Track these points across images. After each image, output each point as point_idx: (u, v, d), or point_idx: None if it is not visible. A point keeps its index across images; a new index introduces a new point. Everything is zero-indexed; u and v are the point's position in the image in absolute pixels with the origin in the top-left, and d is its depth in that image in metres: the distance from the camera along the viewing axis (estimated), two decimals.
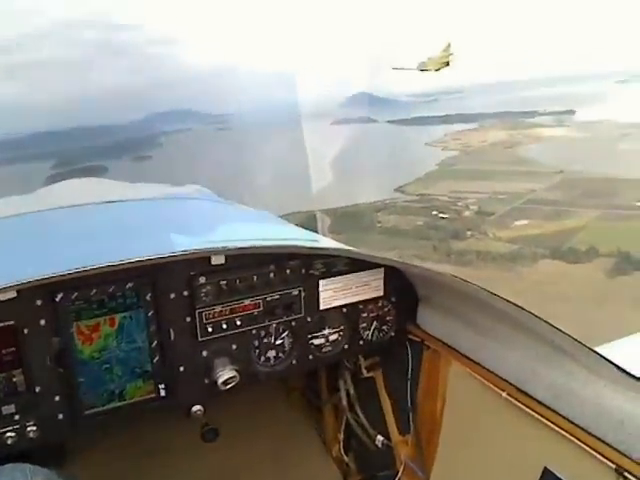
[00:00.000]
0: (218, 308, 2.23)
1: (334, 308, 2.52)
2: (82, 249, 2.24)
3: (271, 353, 2.44)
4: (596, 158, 74.83)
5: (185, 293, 2.17)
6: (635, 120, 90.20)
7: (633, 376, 1.66)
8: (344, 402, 2.96)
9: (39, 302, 1.93)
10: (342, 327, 2.58)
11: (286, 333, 2.45)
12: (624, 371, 1.67)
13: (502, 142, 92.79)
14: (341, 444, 3.19)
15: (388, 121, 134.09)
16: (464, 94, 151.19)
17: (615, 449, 1.65)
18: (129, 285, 2.05)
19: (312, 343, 2.53)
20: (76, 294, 1.97)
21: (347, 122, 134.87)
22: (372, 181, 78.90)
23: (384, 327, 2.67)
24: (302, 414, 3.49)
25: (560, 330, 1.83)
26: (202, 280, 2.17)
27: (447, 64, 64.38)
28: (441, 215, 62.43)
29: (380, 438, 2.87)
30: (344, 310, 2.55)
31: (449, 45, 65.07)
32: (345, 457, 3.20)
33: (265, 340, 2.41)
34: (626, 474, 1.61)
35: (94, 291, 2.00)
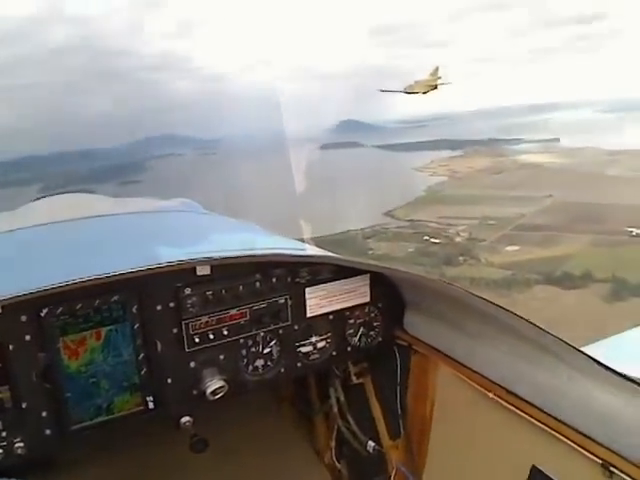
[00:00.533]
0: (205, 318, 2.20)
1: (321, 315, 2.49)
2: (67, 263, 2.22)
3: (259, 362, 2.39)
4: (584, 184, 75.12)
5: (171, 305, 2.14)
6: (619, 147, 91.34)
7: (617, 373, 1.65)
8: (335, 409, 2.91)
9: (24, 318, 1.89)
10: (329, 334, 2.54)
11: (274, 341, 2.41)
12: (608, 368, 1.67)
13: (489, 168, 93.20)
14: (333, 451, 3.11)
15: (376, 146, 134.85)
16: (450, 121, 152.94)
17: (601, 445, 1.66)
18: (114, 298, 2.02)
19: (300, 351, 2.49)
20: (61, 309, 1.93)
21: (335, 147, 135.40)
22: (361, 206, 78.21)
23: (371, 333, 2.63)
24: (293, 423, 3.41)
25: (545, 330, 1.82)
26: (188, 291, 2.14)
27: (435, 87, 64.10)
28: (432, 240, 61.65)
29: (371, 444, 2.79)
30: (331, 317, 2.52)
31: (437, 69, 64.87)
32: (337, 464, 3.11)
33: (253, 349, 2.36)
34: (612, 469, 1.62)
35: (79, 305, 1.96)
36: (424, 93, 64.75)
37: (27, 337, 1.91)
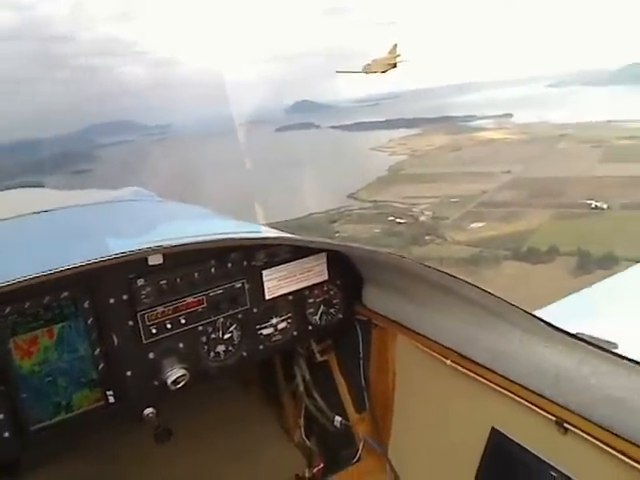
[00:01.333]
0: (160, 309, 2.16)
1: (280, 297, 2.48)
2: (15, 261, 2.19)
3: (220, 348, 2.36)
4: (539, 159, 75.99)
5: (124, 297, 2.10)
6: (569, 121, 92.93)
7: (565, 332, 1.71)
8: (301, 388, 2.92)
9: None
10: (290, 314, 2.54)
11: (234, 326, 2.38)
12: (557, 328, 1.72)
13: (447, 146, 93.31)
14: (302, 429, 3.08)
15: (331, 126, 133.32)
16: (403, 99, 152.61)
17: (554, 402, 1.71)
18: (64, 294, 1.97)
19: (261, 333, 2.48)
20: (9, 309, 1.88)
21: (291, 128, 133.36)
22: (322, 189, 76.88)
23: (332, 310, 2.64)
24: (260, 406, 3.36)
25: (495, 295, 1.87)
26: (141, 282, 2.10)
27: (394, 65, 62.69)
28: (398, 221, 61.06)
29: (338, 419, 2.81)
30: (290, 298, 2.52)
31: (395, 47, 63.11)
32: (307, 442, 3.08)
33: (213, 335, 2.33)
34: (566, 425, 1.68)
35: (28, 304, 1.91)
36: (383, 72, 62.77)
37: None
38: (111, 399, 2.12)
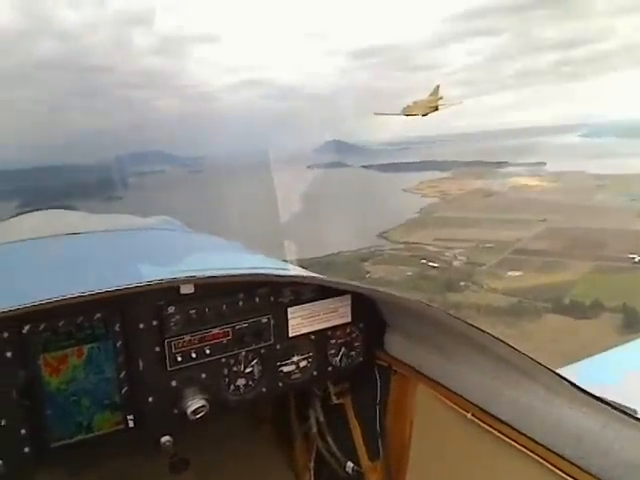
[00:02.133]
0: (187, 337, 2.15)
1: (303, 335, 2.45)
2: (49, 280, 2.20)
3: (241, 381, 2.35)
4: (575, 208, 73.69)
5: (154, 323, 2.10)
6: (604, 172, 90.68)
7: (590, 394, 1.67)
8: (314, 430, 2.87)
9: (6, 334, 1.87)
10: (311, 354, 2.50)
11: (255, 361, 2.37)
12: (580, 389, 1.70)
13: (479, 190, 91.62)
14: (312, 472, 3.06)
15: (362, 166, 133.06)
16: (433, 143, 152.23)
17: (575, 465, 1.67)
18: (97, 316, 1.99)
19: (281, 370, 2.44)
20: (43, 325, 1.90)
21: (322, 167, 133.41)
22: (353, 227, 75.51)
23: (352, 353, 2.59)
24: (272, 444, 3.35)
25: (520, 351, 1.85)
26: (171, 310, 2.11)
27: (436, 108, 58.87)
28: (430, 264, 59.02)
29: (350, 465, 2.75)
30: (312, 337, 2.48)
31: (438, 88, 59.55)
32: None
33: (235, 368, 2.32)
34: None
35: (62, 322, 1.93)
36: (424, 115, 60.81)
37: (8, 354, 1.86)
38: (131, 423, 2.09)
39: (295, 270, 2.74)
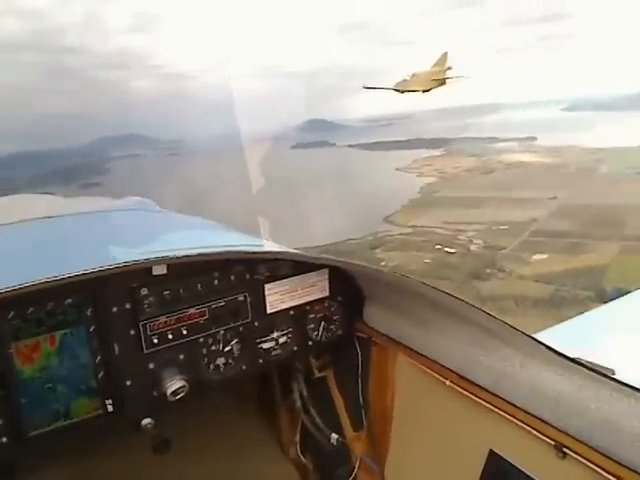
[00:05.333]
0: (163, 319, 2.10)
1: (281, 311, 2.42)
2: (17, 266, 2.12)
3: (220, 360, 2.29)
4: (580, 184, 69.15)
5: (127, 306, 2.05)
6: (598, 146, 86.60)
7: (565, 356, 1.68)
8: (298, 404, 2.81)
9: None
10: (290, 329, 2.46)
11: (234, 339, 2.31)
12: (557, 352, 1.70)
13: (476, 168, 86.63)
14: (298, 446, 3.01)
15: (348, 145, 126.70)
16: (415, 119, 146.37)
17: (553, 426, 1.68)
18: (68, 301, 1.93)
19: (261, 347, 2.40)
20: (12, 313, 1.84)
21: (306, 146, 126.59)
22: (353, 211, 69.60)
23: (332, 326, 2.56)
24: (256, 420, 3.29)
25: (496, 318, 1.84)
26: (144, 291, 2.05)
27: (443, 82, 48.34)
28: (447, 250, 53.66)
29: (335, 436, 2.69)
30: (291, 312, 2.45)
31: (445, 56, 48.13)
32: (302, 458, 3.01)
33: (213, 347, 2.27)
34: (564, 449, 1.65)
35: (31, 309, 1.87)
36: (425, 91, 49.75)
37: None
38: (110, 408, 2.05)
39: (270, 246, 2.62)
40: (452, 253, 53.06)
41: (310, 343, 2.53)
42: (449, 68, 48.07)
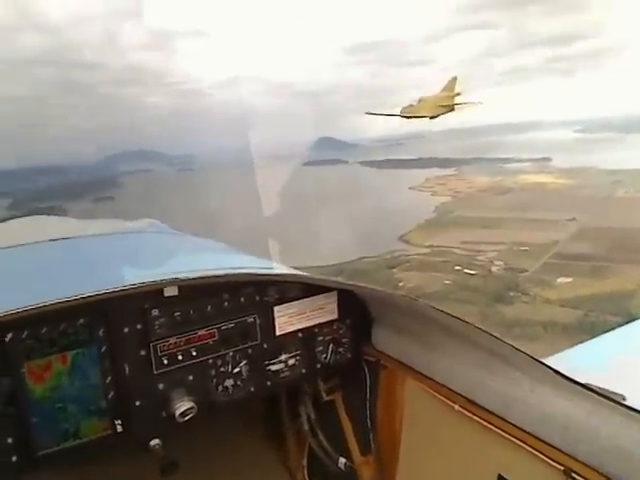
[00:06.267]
0: (173, 340, 2.09)
1: (290, 333, 2.39)
2: (32, 287, 2.13)
3: (229, 382, 2.28)
4: (599, 206, 67.18)
5: (139, 326, 2.04)
6: (616, 167, 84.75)
7: (575, 381, 1.66)
8: (306, 427, 2.80)
9: None
10: (299, 352, 2.43)
11: (243, 361, 2.29)
12: (565, 377, 1.68)
13: (491, 188, 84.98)
14: (305, 470, 3.00)
15: (360, 162, 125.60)
16: (426, 139, 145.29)
17: (562, 452, 1.66)
18: (81, 321, 1.93)
19: (270, 369, 2.38)
20: (26, 333, 1.83)
21: (319, 163, 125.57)
22: (367, 229, 67.90)
23: (340, 349, 2.53)
24: (264, 443, 3.25)
25: (505, 342, 1.82)
26: (155, 312, 2.05)
27: (452, 109, 44.85)
28: (467, 271, 51.72)
29: (342, 460, 2.68)
30: (300, 335, 2.42)
31: (455, 81, 44.75)
32: None
33: (222, 369, 2.25)
34: (573, 474, 1.61)
35: (44, 329, 1.87)
36: (432, 118, 45.91)
37: None
38: (119, 428, 2.03)
39: (279, 268, 2.62)
40: (472, 275, 51.11)
41: (318, 366, 2.49)
42: (458, 94, 44.82)
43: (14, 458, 1.86)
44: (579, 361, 3.06)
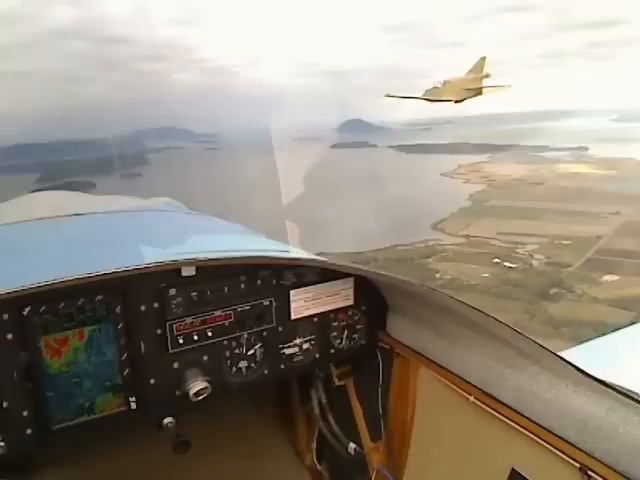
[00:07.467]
0: (189, 320, 2.09)
1: (305, 317, 2.38)
2: (51, 262, 2.11)
3: (243, 363, 2.27)
4: None
5: (155, 305, 2.03)
6: None
7: (594, 378, 1.62)
8: (316, 411, 2.78)
9: (6, 316, 1.79)
10: (313, 336, 2.42)
11: (258, 343, 2.29)
12: (585, 373, 1.64)
13: (527, 177, 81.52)
14: (314, 453, 2.98)
15: (389, 146, 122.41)
16: (456, 124, 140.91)
17: (579, 448, 1.62)
18: (98, 298, 1.93)
19: (284, 353, 2.37)
20: (44, 307, 1.84)
21: (346, 146, 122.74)
22: (399, 216, 65.47)
23: (355, 335, 2.51)
24: (274, 425, 3.25)
25: (524, 335, 1.77)
26: (172, 292, 2.03)
27: (479, 92, 40.19)
28: (507, 264, 49.16)
29: (352, 446, 2.66)
30: (315, 319, 2.41)
31: (483, 61, 39.69)
32: (318, 466, 2.98)
33: (237, 351, 2.25)
34: (590, 472, 1.58)
35: (62, 304, 1.87)
36: (458, 102, 41.29)
37: (9, 336, 1.80)
38: (133, 405, 2.04)
39: (297, 252, 2.55)
40: (513, 268, 48.58)
41: (332, 351, 2.47)
42: (487, 75, 39.74)
43: (29, 431, 1.86)
44: (600, 356, 3.01)
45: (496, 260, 50.53)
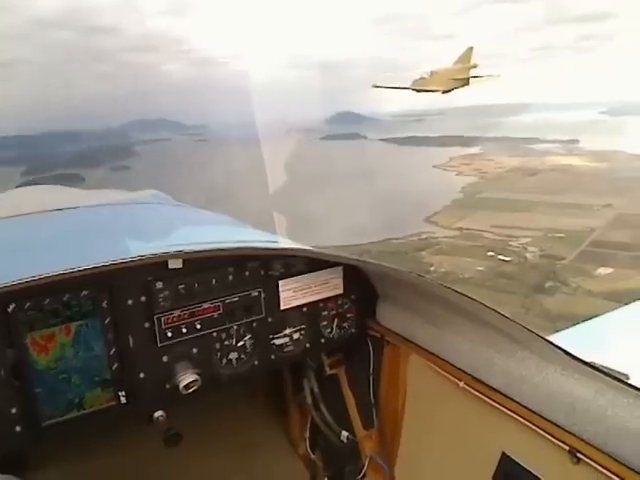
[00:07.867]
0: (177, 312, 2.08)
1: (295, 307, 2.39)
2: (35, 257, 2.11)
3: (233, 355, 2.27)
4: (636, 191, 63.44)
5: (143, 299, 2.03)
6: None
7: (582, 361, 1.64)
8: (309, 400, 2.78)
9: None
10: (303, 326, 2.43)
11: (247, 335, 2.29)
12: (573, 356, 1.65)
13: (519, 169, 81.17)
14: (307, 442, 2.99)
15: (380, 139, 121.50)
16: (446, 116, 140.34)
17: (568, 431, 1.64)
18: (84, 293, 1.91)
19: (274, 343, 2.38)
20: (29, 304, 1.82)
21: (337, 138, 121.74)
22: (391, 209, 64.81)
23: (345, 324, 2.53)
24: (267, 415, 3.27)
25: (512, 320, 1.79)
26: (159, 285, 2.03)
27: (466, 82, 40.76)
28: (501, 257, 48.74)
29: (345, 434, 2.67)
30: (305, 309, 2.42)
31: (470, 51, 40.05)
32: (312, 455, 2.99)
33: (226, 342, 2.25)
34: (579, 455, 1.61)
35: (48, 300, 1.85)
36: (445, 92, 42.07)
37: None
38: (123, 400, 2.04)
39: (284, 242, 2.60)
40: (507, 261, 48.14)
41: (322, 340, 2.48)
42: (474, 66, 40.09)
43: (18, 428, 1.86)
44: (582, 339, 3.04)
45: (490, 253, 50.06)
